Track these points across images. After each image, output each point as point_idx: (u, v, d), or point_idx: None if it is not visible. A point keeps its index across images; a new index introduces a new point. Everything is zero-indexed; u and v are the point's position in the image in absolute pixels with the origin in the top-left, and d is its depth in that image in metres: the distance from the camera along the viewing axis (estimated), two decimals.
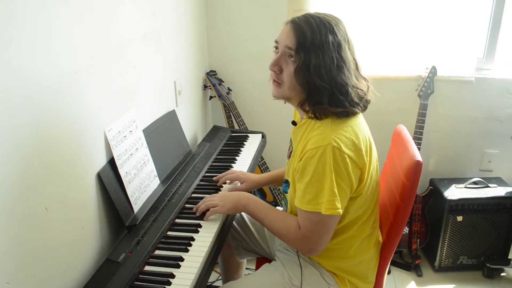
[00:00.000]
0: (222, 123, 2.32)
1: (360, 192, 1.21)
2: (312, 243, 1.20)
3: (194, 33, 2.16)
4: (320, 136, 1.14)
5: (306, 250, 1.25)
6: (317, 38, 1.14)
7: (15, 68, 0.94)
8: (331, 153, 1.11)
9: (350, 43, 1.21)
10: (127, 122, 1.42)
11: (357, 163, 1.15)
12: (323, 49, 1.14)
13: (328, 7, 2.18)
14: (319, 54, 1.13)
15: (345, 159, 1.12)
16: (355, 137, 1.16)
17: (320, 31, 1.15)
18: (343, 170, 1.13)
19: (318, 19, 1.17)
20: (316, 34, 1.14)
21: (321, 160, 1.12)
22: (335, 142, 1.12)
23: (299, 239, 1.21)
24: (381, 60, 2.30)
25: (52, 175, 1.08)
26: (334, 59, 1.14)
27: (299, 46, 1.15)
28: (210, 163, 1.79)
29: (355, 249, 1.29)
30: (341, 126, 1.16)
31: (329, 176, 1.12)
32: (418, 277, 2.28)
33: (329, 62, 1.14)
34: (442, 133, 2.40)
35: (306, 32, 1.14)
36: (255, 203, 1.34)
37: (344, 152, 1.12)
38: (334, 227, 1.20)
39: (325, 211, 1.13)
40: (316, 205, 1.14)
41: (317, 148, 1.12)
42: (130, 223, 1.32)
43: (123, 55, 1.44)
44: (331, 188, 1.12)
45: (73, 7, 1.14)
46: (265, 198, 2.41)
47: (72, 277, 1.17)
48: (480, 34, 2.24)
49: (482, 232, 2.22)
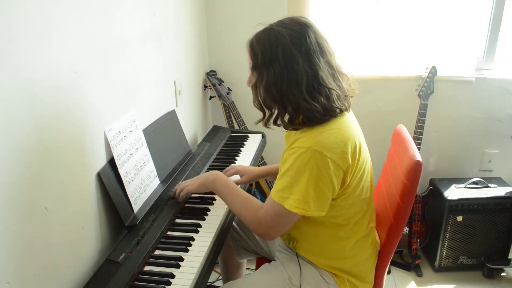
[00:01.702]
0: (222, 123, 2.32)
1: (343, 193, 1.21)
2: (268, 228, 1.23)
3: (194, 33, 2.16)
4: (304, 138, 1.16)
5: (261, 233, 1.26)
6: (267, 56, 1.15)
7: (15, 68, 0.94)
8: (311, 156, 1.12)
9: (322, 48, 1.18)
10: (127, 122, 1.42)
11: (340, 165, 1.14)
12: (273, 66, 1.15)
13: (328, 7, 2.19)
14: (271, 70, 1.15)
15: (327, 163, 1.12)
16: (341, 139, 1.15)
17: (271, 47, 1.15)
18: (324, 173, 1.12)
19: (274, 33, 1.16)
20: (267, 52, 1.15)
21: (299, 160, 1.13)
22: (316, 146, 1.12)
23: (257, 220, 1.24)
24: (381, 60, 2.30)
25: (52, 175, 1.08)
26: (284, 75, 1.14)
27: (254, 66, 1.19)
28: (210, 163, 1.79)
29: (351, 250, 1.30)
30: (326, 128, 1.16)
31: (304, 177, 1.13)
32: (418, 277, 2.28)
33: (279, 79, 1.14)
34: (442, 133, 2.40)
35: (258, 51, 1.17)
36: (222, 182, 1.37)
37: (326, 156, 1.12)
38: (292, 223, 1.21)
39: (288, 206, 1.15)
40: (281, 198, 1.16)
41: (299, 148, 1.14)
42: (130, 223, 1.32)
43: (123, 55, 1.44)
44: (302, 190, 1.13)
45: (73, 7, 1.14)
46: (265, 198, 2.40)
47: (72, 277, 1.17)
48: (480, 34, 2.24)
49: (482, 232, 2.22)
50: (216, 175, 1.40)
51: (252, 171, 1.61)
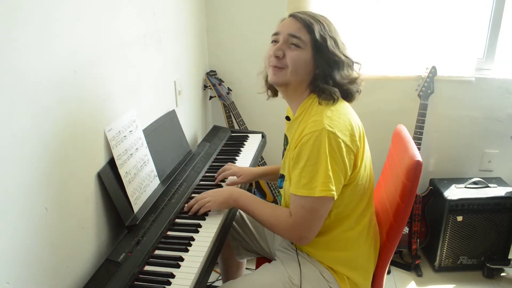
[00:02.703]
0: (222, 123, 2.32)
1: (354, 179, 1.23)
2: (303, 230, 1.22)
3: (194, 33, 2.16)
4: (315, 122, 1.18)
5: (296, 238, 1.26)
6: (322, 24, 1.25)
7: (15, 68, 0.94)
8: (326, 137, 1.14)
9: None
10: (127, 122, 1.42)
11: (351, 148, 1.18)
12: (329, 32, 1.25)
13: (328, 7, 2.19)
14: (329, 35, 1.24)
15: (340, 144, 1.15)
16: (348, 123, 1.20)
17: (320, 20, 1.26)
18: (338, 155, 1.15)
19: (315, 13, 1.29)
20: (320, 22, 1.25)
21: (316, 144, 1.14)
22: (329, 127, 1.15)
23: (290, 227, 1.23)
24: (381, 60, 2.30)
25: (52, 175, 1.08)
26: (338, 41, 1.26)
27: (310, 31, 1.23)
28: (210, 163, 1.79)
29: (353, 242, 1.31)
30: (334, 113, 1.20)
31: (324, 160, 1.14)
32: (418, 277, 2.28)
33: (339, 41, 1.26)
34: (442, 133, 2.40)
35: (310, 20, 1.25)
36: (246, 196, 1.37)
37: (338, 137, 1.15)
38: (325, 214, 1.21)
39: (319, 193, 1.15)
40: (311, 189, 1.16)
41: (312, 133, 1.15)
42: (130, 223, 1.32)
43: (123, 55, 1.44)
44: (325, 171, 1.14)
45: (73, 7, 1.14)
46: (265, 198, 2.41)
47: (72, 277, 1.17)
48: (480, 34, 2.24)
49: (482, 232, 2.22)
50: (239, 192, 1.38)
51: (248, 171, 1.62)
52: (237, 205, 1.37)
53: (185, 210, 1.42)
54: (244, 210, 1.37)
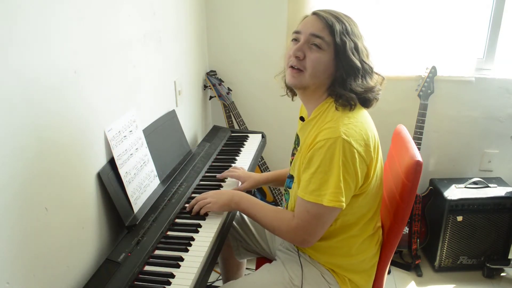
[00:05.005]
0: (222, 123, 2.32)
1: (365, 190, 1.21)
2: (306, 233, 1.20)
3: (194, 33, 2.16)
4: (331, 129, 1.15)
5: (299, 240, 1.24)
6: (344, 25, 1.20)
7: (15, 68, 0.94)
8: (341, 146, 1.11)
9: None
10: (127, 122, 1.42)
11: (364, 159, 1.16)
12: (351, 35, 1.20)
13: (328, 7, 2.18)
14: (350, 38, 1.19)
15: (354, 154, 1.13)
16: (364, 133, 1.17)
17: (343, 20, 1.22)
18: (351, 165, 1.13)
19: (339, 12, 1.25)
20: (343, 23, 1.21)
21: (329, 152, 1.12)
22: (345, 136, 1.12)
23: (292, 229, 1.22)
24: (381, 60, 2.29)
25: (52, 175, 1.08)
26: (359, 45, 1.21)
27: (331, 32, 1.19)
28: (210, 163, 1.79)
29: (357, 248, 1.30)
30: (351, 120, 1.17)
31: (336, 169, 1.12)
32: (418, 277, 2.28)
33: (360, 46, 1.21)
34: (442, 133, 2.40)
35: (333, 20, 1.20)
36: (248, 200, 1.35)
37: (353, 147, 1.12)
38: (330, 221, 1.20)
39: (327, 203, 1.13)
40: (319, 196, 1.15)
41: (327, 140, 1.13)
42: (130, 223, 1.32)
43: (123, 55, 1.44)
44: (336, 182, 1.12)
45: (73, 7, 1.14)
46: (265, 198, 2.41)
47: (72, 277, 1.17)
48: (480, 34, 2.24)
49: (482, 232, 2.22)
50: (241, 195, 1.37)
51: (254, 177, 1.59)
52: (239, 208, 1.36)
53: (187, 210, 1.41)
54: (246, 213, 1.36)
